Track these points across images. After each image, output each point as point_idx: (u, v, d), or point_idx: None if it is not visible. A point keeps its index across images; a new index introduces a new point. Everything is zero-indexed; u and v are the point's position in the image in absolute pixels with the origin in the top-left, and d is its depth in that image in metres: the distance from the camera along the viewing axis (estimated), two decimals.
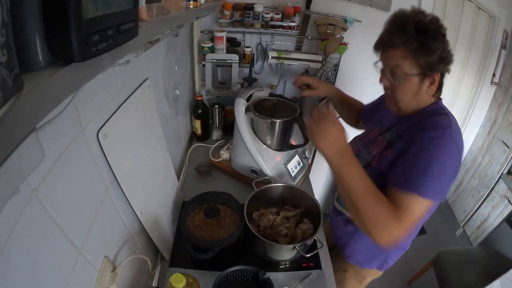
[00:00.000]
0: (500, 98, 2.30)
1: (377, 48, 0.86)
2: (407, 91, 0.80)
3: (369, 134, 1.01)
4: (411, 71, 0.76)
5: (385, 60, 0.83)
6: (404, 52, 0.75)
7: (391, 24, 0.80)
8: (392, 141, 0.87)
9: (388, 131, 0.92)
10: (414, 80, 0.78)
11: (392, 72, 0.80)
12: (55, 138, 0.45)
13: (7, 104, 0.21)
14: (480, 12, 1.81)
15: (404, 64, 0.76)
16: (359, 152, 0.98)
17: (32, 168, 0.31)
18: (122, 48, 0.39)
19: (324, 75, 1.69)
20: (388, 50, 0.80)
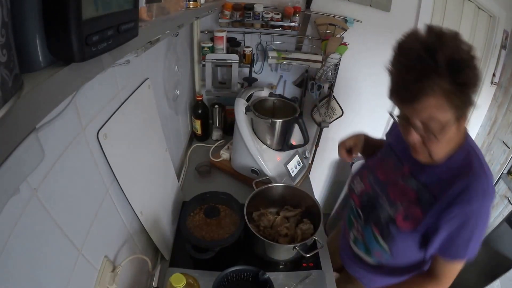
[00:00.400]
0: (500, 98, 2.30)
1: (399, 97, 0.65)
2: (442, 143, 0.66)
3: (383, 168, 0.87)
4: (448, 118, 0.61)
5: (412, 112, 0.64)
6: (440, 99, 0.58)
7: (414, 61, 0.59)
8: (420, 196, 0.74)
9: (411, 177, 0.78)
10: (450, 128, 0.63)
11: (424, 125, 0.64)
12: (55, 138, 0.45)
13: (7, 104, 0.21)
14: (480, 12, 1.81)
15: (439, 114, 0.60)
16: (375, 195, 0.85)
17: (32, 168, 0.31)
18: (122, 48, 0.39)
19: (324, 75, 1.69)
20: (420, 100, 0.60)
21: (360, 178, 0.93)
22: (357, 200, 0.91)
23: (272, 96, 1.31)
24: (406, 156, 0.79)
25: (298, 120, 1.17)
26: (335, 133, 2.03)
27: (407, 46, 0.62)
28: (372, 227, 0.84)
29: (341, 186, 2.17)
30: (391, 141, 0.90)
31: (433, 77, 0.57)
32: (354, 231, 0.94)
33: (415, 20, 1.64)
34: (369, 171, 0.91)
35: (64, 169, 0.48)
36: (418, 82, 0.58)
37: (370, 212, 0.85)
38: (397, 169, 0.83)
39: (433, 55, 0.56)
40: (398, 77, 0.63)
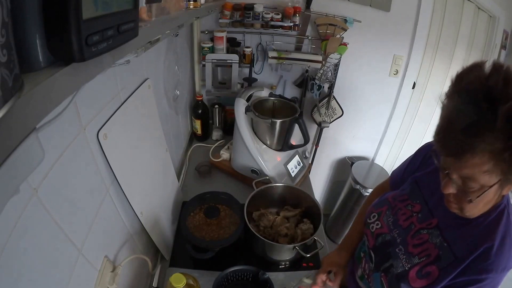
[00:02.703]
0: None
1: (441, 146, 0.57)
2: (480, 203, 0.59)
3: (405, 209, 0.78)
4: (491, 182, 0.53)
5: (453, 165, 0.56)
6: (485, 161, 0.50)
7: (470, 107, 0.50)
8: (441, 255, 0.67)
9: (437, 230, 0.70)
10: (490, 191, 0.55)
11: (463, 181, 0.57)
12: (55, 138, 0.45)
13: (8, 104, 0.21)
14: (480, 12, 1.81)
15: (481, 176, 0.53)
16: (393, 240, 0.76)
17: (32, 168, 0.31)
18: (122, 48, 0.39)
19: (324, 75, 1.69)
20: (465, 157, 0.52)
21: (378, 215, 0.83)
22: (370, 240, 0.82)
23: (272, 96, 1.31)
24: (438, 209, 0.71)
25: (298, 120, 1.17)
26: (335, 133, 2.04)
27: (466, 85, 0.53)
28: (381, 276, 0.77)
29: (341, 186, 2.17)
30: (423, 185, 0.78)
31: (486, 135, 0.48)
32: (362, 268, 0.86)
33: (415, 20, 1.64)
34: (389, 209, 0.81)
35: (64, 169, 0.48)
36: (467, 135, 0.50)
37: (383, 259, 0.77)
38: (423, 218, 0.74)
39: (494, 107, 0.47)
40: (448, 119, 0.55)
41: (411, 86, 1.86)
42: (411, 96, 1.91)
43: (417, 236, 0.72)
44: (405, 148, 2.17)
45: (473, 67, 0.55)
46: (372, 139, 2.11)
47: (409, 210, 0.77)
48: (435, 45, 1.78)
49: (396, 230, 0.77)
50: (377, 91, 1.88)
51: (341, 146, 2.13)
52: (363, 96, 1.91)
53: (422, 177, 0.79)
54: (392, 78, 1.84)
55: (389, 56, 1.76)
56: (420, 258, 0.70)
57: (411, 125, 2.08)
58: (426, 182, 0.77)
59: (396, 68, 1.80)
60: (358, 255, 0.90)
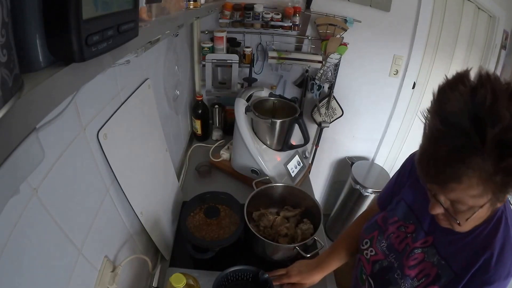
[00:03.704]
0: None
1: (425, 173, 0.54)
2: (469, 221, 0.56)
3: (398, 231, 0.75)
4: (481, 203, 0.51)
5: (440, 190, 0.54)
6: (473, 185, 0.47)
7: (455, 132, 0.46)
8: (440, 273, 0.65)
9: (433, 248, 0.67)
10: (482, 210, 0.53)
11: (451, 203, 0.55)
12: (55, 138, 0.45)
13: (8, 104, 0.21)
14: (480, 12, 1.81)
15: (469, 200, 0.51)
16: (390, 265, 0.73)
17: (32, 168, 0.31)
18: (122, 48, 0.39)
19: (324, 75, 1.69)
20: (447, 185, 0.50)
21: (370, 241, 0.80)
22: (367, 266, 0.80)
23: (272, 96, 1.31)
24: (432, 226, 0.69)
25: (298, 120, 1.17)
26: (335, 133, 2.04)
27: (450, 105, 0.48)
28: None
29: (341, 186, 2.17)
30: (412, 203, 0.76)
31: (473, 160, 0.45)
32: None
33: (415, 20, 1.64)
34: (381, 234, 0.78)
35: (64, 169, 0.48)
36: (453, 164, 0.47)
37: (383, 286, 0.74)
38: (417, 237, 0.71)
39: (482, 131, 0.43)
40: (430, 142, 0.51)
41: (411, 86, 1.86)
42: (411, 96, 1.91)
43: (412, 256, 0.70)
44: (405, 148, 2.17)
45: (457, 80, 0.50)
46: (372, 139, 2.11)
47: (403, 232, 0.74)
48: (435, 45, 1.78)
49: (393, 255, 0.74)
50: (377, 91, 1.89)
51: (341, 146, 2.13)
52: (363, 96, 1.91)
53: (409, 195, 0.77)
54: (392, 78, 1.84)
55: (389, 56, 1.77)
56: (419, 280, 0.67)
57: (411, 125, 2.08)
58: (415, 199, 0.75)
59: (396, 68, 1.80)
60: (360, 277, 0.86)
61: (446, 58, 1.86)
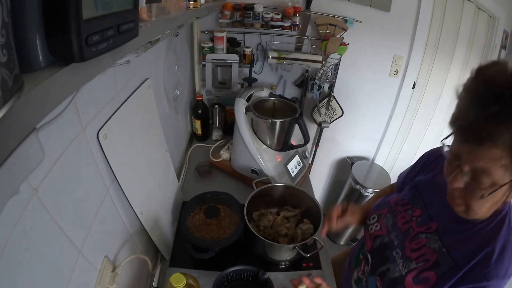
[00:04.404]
0: None
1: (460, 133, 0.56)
2: (486, 202, 0.56)
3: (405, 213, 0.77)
4: (503, 181, 0.51)
5: (467, 154, 0.54)
6: (503, 154, 0.49)
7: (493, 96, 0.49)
8: (440, 260, 0.65)
9: (436, 235, 0.68)
10: (501, 190, 0.53)
11: (474, 174, 0.54)
12: (55, 138, 0.45)
13: (8, 104, 0.21)
14: (480, 12, 1.81)
15: (497, 171, 0.51)
16: (390, 242, 0.76)
17: (32, 168, 0.31)
18: (122, 48, 0.39)
19: (324, 75, 1.69)
20: (482, 145, 0.50)
21: (378, 217, 0.83)
22: (368, 241, 0.82)
23: (272, 96, 1.31)
24: (438, 213, 0.70)
25: (298, 120, 1.17)
26: (335, 133, 2.04)
27: (491, 77, 0.52)
28: (376, 280, 0.76)
29: (341, 186, 2.17)
30: (423, 190, 0.78)
31: (509, 125, 0.47)
32: (359, 271, 0.86)
33: (415, 20, 1.64)
34: (390, 212, 0.80)
35: (64, 169, 0.48)
36: (490, 123, 0.48)
37: (380, 262, 0.76)
38: (423, 223, 0.72)
39: None
40: (469, 107, 0.53)
41: (411, 86, 1.86)
42: (411, 96, 1.91)
43: (415, 240, 0.71)
44: (405, 148, 2.17)
45: (495, 63, 0.53)
46: (372, 139, 2.11)
47: (409, 215, 0.76)
48: (435, 45, 1.78)
49: (394, 233, 0.76)
50: (377, 91, 1.89)
51: (341, 146, 2.13)
52: (363, 96, 1.91)
53: (421, 183, 0.79)
54: (392, 78, 1.84)
55: (389, 56, 1.77)
56: (417, 263, 0.68)
57: (411, 125, 2.08)
58: (426, 187, 0.77)
59: (396, 68, 1.80)
60: (356, 257, 0.90)
61: (446, 58, 1.86)
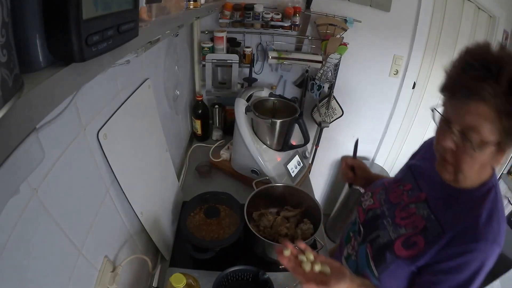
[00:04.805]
0: None
1: (451, 91, 0.61)
2: (475, 162, 0.60)
3: (397, 189, 0.82)
4: (490, 138, 0.56)
5: (457, 113, 0.59)
6: (489, 111, 0.54)
7: (478, 63, 0.56)
8: (428, 225, 0.69)
9: (424, 203, 0.73)
10: (488, 150, 0.58)
11: (463, 133, 0.58)
12: (55, 138, 0.45)
13: (8, 104, 0.21)
14: (480, 12, 1.81)
15: (485, 128, 0.56)
16: (381, 213, 0.80)
17: (32, 168, 0.31)
18: (122, 48, 0.39)
19: (324, 75, 1.69)
20: (469, 102, 0.56)
21: (372, 194, 0.88)
22: (361, 215, 0.86)
23: (272, 96, 1.31)
24: (427, 184, 0.75)
25: (298, 120, 1.17)
26: (335, 133, 2.04)
27: (477, 50, 0.59)
28: (366, 247, 0.79)
29: (341, 186, 2.17)
30: (413, 165, 0.85)
31: (492, 86, 0.53)
32: (349, 247, 0.89)
33: (415, 20, 1.64)
34: (383, 190, 0.86)
35: (64, 169, 0.48)
36: (476, 82, 0.55)
37: (371, 230, 0.80)
38: (413, 194, 0.77)
39: (499, 68, 0.53)
40: (457, 73, 0.60)
41: (411, 86, 1.86)
42: (411, 96, 1.91)
43: (406, 210, 0.75)
44: (405, 148, 2.17)
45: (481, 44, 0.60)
46: (372, 139, 2.11)
47: (400, 189, 0.81)
48: (435, 45, 1.78)
49: (386, 205, 0.81)
50: (377, 91, 1.89)
51: (341, 146, 2.13)
52: (363, 96, 1.91)
53: (414, 165, 0.85)
54: (392, 78, 1.84)
55: (389, 56, 1.76)
56: (407, 229, 0.72)
57: (411, 125, 2.08)
58: (418, 168, 0.82)
59: (396, 68, 1.80)
60: (347, 235, 0.92)
61: (446, 58, 1.86)
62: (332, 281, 0.64)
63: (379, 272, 0.73)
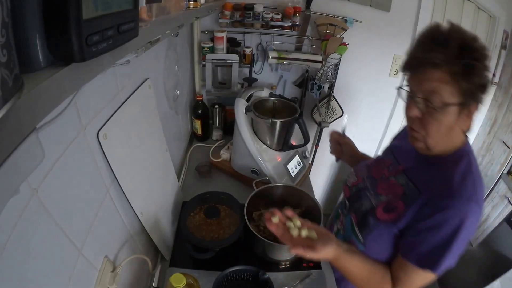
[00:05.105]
0: (500, 98, 2.30)
1: (409, 67, 0.68)
2: (441, 125, 0.66)
3: (379, 166, 0.89)
4: (451, 100, 0.62)
5: (417, 84, 0.66)
6: (445, 75, 0.61)
7: (429, 39, 0.64)
8: (406, 192, 0.75)
9: (403, 174, 0.79)
10: (452, 111, 0.63)
11: (426, 99, 0.65)
12: (55, 138, 0.45)
13: (8, 104, 0.21)
14: (480, 12, 1.81)
15: (444, 90, 0.62)
16: (364, 187, 0.87)
17: (32, 168, 0.31)
18: (122, 48, 0.39)
19: (324, 75, 1.69)
20: (425, 71, 0.63)
21: (356, 172, 0.96)
22: (347, 191, 0.94)
23: (272, 96, 1.31)
24: (404, 158, 0.83)
25: (298, 120, 1.17)
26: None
27: (428, 29, 0.67)
28: (351, 216, 0.85)
29: (341, 186, 2.16)
30: (393, 145, 0.94)
31: (442, 52, 0.60)
32: (338, 223, 0.95)
33: (415, 20, 1.64)
34: (365, 168, 0.94)
35: (64, 169, 0.48)
36: (428, 54, 0.62)
37: (355, 201, 0.87)
38: (392, 169, 0.84)
39: (447, 39, 0.61)
40: (413, 52, 0.68)
41: None
42: None
43: (386, 182, 0.82)
44: None
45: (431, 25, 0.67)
46: (372, 139, 2.11)
47: (381, 166, 0.88)
48: None
49: (369, 180, 0.88)
50: (377, 91, 1.88)
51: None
52: (363, 96, 1.91)
53: (394, 145, 0.94)
54: (392, 78, 1.84)
55: (389, 56, 1.76)
56: (387, 196, 0.78)
57: None
58: (397, 145, 0.91)
59: (396, 68, 1.80)
60: (336, 213, 0.99)
61: None
62: (318, 245, 0.69)
63: (364, 237, 0.79)
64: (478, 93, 0.63)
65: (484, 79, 0.62)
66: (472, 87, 0.61)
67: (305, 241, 0.71)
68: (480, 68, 0.61)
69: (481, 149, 2.53)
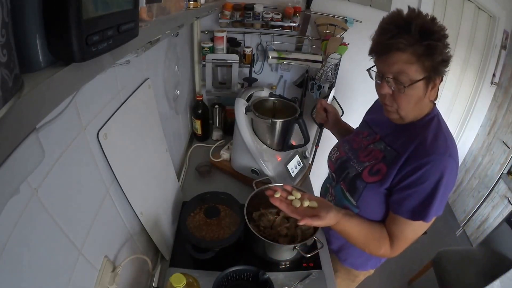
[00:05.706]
0: (500, 98, 2.30)
1: (377, 51, 0.76)
2: (411, 98, 0.74)
3: (357, 138, 0.97)
4: (417, 77, 0.71)
5: (386, 66, 0.74)
6: (410, 57, 0.69)
7: (392, 25, 0.71)
8: (385, 154, 0.84)
9: (381, 141, 0.88)
10: (419, 86, 0.72)
11: (395, 78, 0.73)
12: (55, 138, 0.45)
13: (8, 104, 0.21)
14: (480, 12, 1.81)
15: (410, 70, 0.70)
16: (348, 158, 0.95)
17: (32, 168, 0.31)
18: (122, 48, 0.39)
19: (324, 75, 1.69)
20: (392, 54, 0.71)
21: (338, 147, 1.03)
22: (332, 166, 1.01)
23: (272, 96, 1.31)
24: (379, 128, 0.92)
25: (298, 120, 1.17)
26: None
27: (389, 16, 0.74)
28: (341, 185, 0.93)
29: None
30: (368, 118, 1.02)
31: (406, 37, 0.68)
32: (328, 196, 1.02)
33: None
34: (346, 143, 1.01)
35: (64, 169, 0.48)
36: (392, 39, 0.69)
37: (341, 172, 0.94)
38: (370, 138, 0.93)
39: (408, 23, 0.68)
40: (377, 37, 0.74)
41: None
42: None
43: (366, 150, 0.90)
44: None
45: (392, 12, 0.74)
46: None
47: (360, 138, 0.96)
48: None
49: (351, 152, 0.95)
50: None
51: None
52: (364, 96, 1.90)
53: (369, 118, 1.02)
54: None
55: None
56: (369, 161, 0.87)
57: None
58: (372, 118, 0.99)
59: None
60: (324, 188, 1.09)
61: None
62: (322, 212, 0.78)
63: (355, 200, 0.87)
64: (441, 68, 0.71)
65: (445, 55, 0.70)
66: (435, 64, 0.70)
67: (309, 211, 0.79)
68: (441, 47, 0.69)
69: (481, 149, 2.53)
